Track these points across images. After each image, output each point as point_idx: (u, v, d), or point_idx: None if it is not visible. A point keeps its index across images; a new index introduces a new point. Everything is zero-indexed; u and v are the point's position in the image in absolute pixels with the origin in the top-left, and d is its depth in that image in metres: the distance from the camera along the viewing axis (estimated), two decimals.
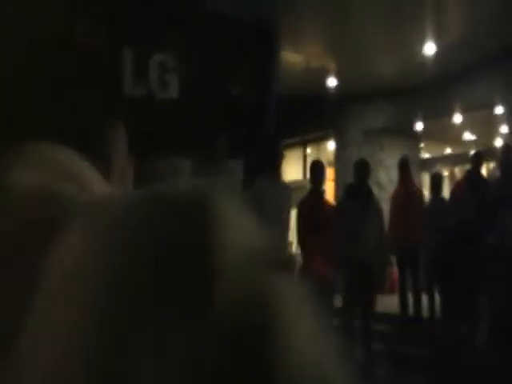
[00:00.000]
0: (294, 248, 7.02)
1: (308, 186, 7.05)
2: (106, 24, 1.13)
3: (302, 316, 0.39)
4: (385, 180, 12.75)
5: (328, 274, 6.52)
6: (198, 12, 6.34)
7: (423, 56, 9.33)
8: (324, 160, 13.89)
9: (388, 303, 9.24)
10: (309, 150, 14.74)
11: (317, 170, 6.88)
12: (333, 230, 6.67)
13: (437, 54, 9.19)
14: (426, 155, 14.60)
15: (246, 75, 6.70)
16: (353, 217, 6.72)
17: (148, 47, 6.01)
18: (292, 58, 10.17)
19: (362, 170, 6.96)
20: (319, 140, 14.34)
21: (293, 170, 14.69)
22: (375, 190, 12.31)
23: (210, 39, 6.39)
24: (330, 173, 13.63)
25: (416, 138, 13.36)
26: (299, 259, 6.76)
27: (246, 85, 6.72)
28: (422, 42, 9.09)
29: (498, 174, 8.31)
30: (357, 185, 6.97)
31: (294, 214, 6.82)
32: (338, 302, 7.00)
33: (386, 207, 9.28)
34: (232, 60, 6.56)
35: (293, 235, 7.09)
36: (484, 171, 9.65)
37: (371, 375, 6.92)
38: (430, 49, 9.14)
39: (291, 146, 14.76)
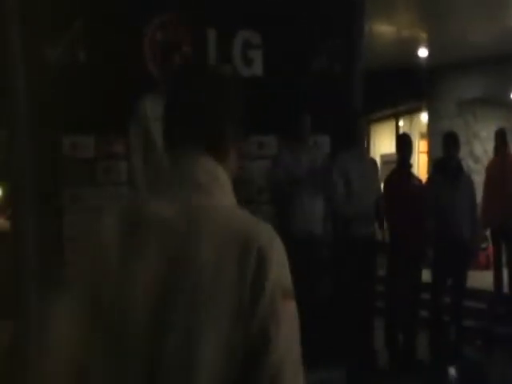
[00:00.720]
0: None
1: None
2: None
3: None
4: (480, 152, 12.38)
5: (417, 249, 6.44)
6: None
7: None
8: (417, 132, 13.71)
9: (483, 279, 9.02)
10: (401, 123, 14.45)
11: (403, 143, 6.76)
12: (421, 204, 6.56)
13: None
14: None
15: (332, 49, 6.62)
16: (443, 191, 6.58)
17: (232, 25, 6.04)
18: (383, 28, 9.99)
19: (451, 143, 6.78)
20: (412, 112, 14.03)
21: (385, 142, 14.47)
22: (470, 163, 12.05)
23: (295, 13, 6.34)
24: (423, 145, 13.38)
25: None
26: (388, 234, 6.69)
27: (332, 59, 6.64)
28: None
29: None
30: (446, 158, 6.80)
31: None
32: (428, 277, 6.90)
33: (481, 179, 9.02)
34: (317, 34, 6.48)
35: None
36: None
37: (461, 353, 6.82)
38: None
39: (383, 118, 14.55)
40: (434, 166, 7.37)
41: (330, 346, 5.75)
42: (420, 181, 7.05)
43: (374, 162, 6.86)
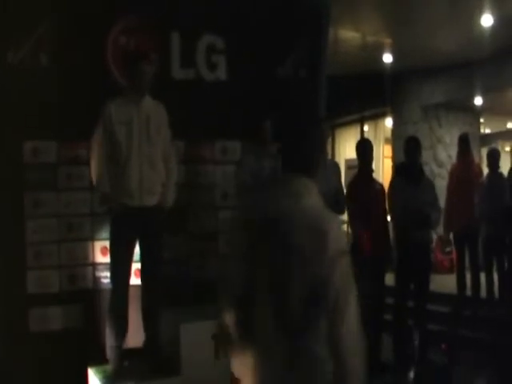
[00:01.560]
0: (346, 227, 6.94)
1: None
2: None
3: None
4: (444, 157, 12.51)
5: (378, 253, 6.47)
6: None
7: (482, 29, 9.03)
8: (381, 137, 13.80)
9: (446, 283, 9.11)
10: (366, 128, 14.54)
11: (364, 148, 6.79)
12: (383, 208, 6.61)
13: (494, 26, 8.89)
14: (486, 130, 14.25)
15: (296, 55, 6.63)
16: (405, 195, 6.62)
17: (196, 29, 6.02)
18: (349, 34, 10.04)
19: (413, 147, 6.82)
20: (376, 117, 14.11)
21: (350, 147, 14.52)
22: (434, 167, 12.17)
23: (260, 18, 6.34)
24: (387, 150, 13.47)
25: (476, 112, 13.02)
26: (350, 238, 6.71)
27: (296, 65, 6.66)
28: (480, 15, 8.80)
29: None
30: (408, 163, 6.83)
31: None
32: (391, 280, 6.93)
33: (444, 184, 9.11)
34: (281, 40, 6.49)
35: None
36: None
37: (426, 356, 6.85)
38: (487, 21, 8.84)
39: (348, 123, 14.62)
40: (396, 170, 7.40)
41: None
42: (381, 185, 7.08)
43: (335, 164, 6.82)
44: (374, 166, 6.94)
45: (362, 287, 6.24)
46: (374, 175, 6.93)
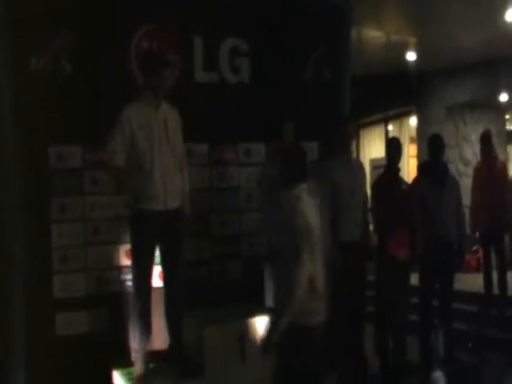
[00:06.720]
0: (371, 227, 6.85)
1: None
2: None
3: None
4: (470, 155, 12.40)
5: (404, 253, 6.41)
6: None
7: (506, 25, 8.94)
8: (406, 136, 13.73)
9: (474, 282, 9.03)
10: (390, 127, 14.47)
11: (393, 147, 6.71)
12: (409, 208, 6.53)
13: None
14: (511, 127, 14.10)
15: (320, 56, 6.64)
16: (429, 194, 6.57)
17: (219, 33, 6.05)
18: (373, 34, 10.00)
19: (436, 145, 6.75)
20: (401, 116, 14.03)
21: (375, 147, 14.48)
22: (460, 166, 12.08)
23: (283, 21, 6.35)
24: (413, 149, 13.39)
25: (501, 110, 12.89)
26: (375, 238, 6.66)
27: (320, 66, 6.66)
28: (504, 10, 8.71)
29: None
30: (432, 162, 6.77)
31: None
32: (416, 280, 6.88)
33: (471, 183, 9.02)
34: (305, 41, 6.50)
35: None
36: None
37: (452, 356, 6.81)
38: (511, 16, 8.73)
39: (373, 123, 14.57)
40: (420, 168, 7.31)
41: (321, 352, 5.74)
42: (408, 185, 6.99)
43: (360, 164, 6.76)
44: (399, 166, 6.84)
45: (389, 289, 6.32)
46: (400, 174, 6.83)
